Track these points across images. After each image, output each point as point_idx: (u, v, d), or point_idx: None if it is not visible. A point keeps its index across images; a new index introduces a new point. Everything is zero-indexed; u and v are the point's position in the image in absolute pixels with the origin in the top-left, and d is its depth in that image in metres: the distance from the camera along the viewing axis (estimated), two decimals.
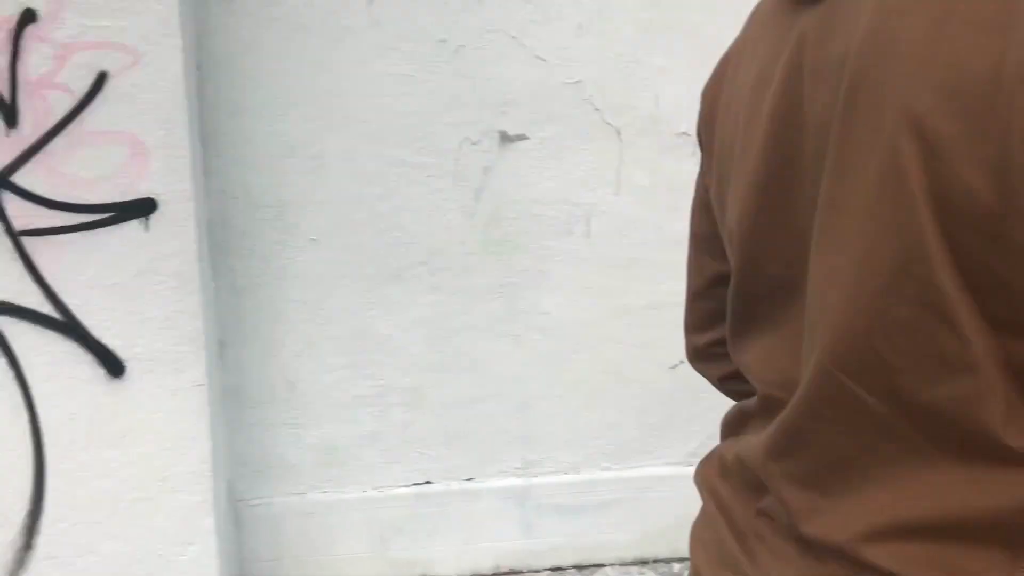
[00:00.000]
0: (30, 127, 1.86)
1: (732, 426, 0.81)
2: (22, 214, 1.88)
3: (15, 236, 1.89)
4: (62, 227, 1.90)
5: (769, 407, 0.70)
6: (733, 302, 0.76)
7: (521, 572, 2.45)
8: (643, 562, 2.50)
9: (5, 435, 1.93)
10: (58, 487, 1.97)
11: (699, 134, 0.83)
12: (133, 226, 1.91)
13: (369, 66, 2.18)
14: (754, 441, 0.71)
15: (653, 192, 2.33)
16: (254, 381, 2.26)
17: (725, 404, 0.86)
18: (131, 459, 1.97)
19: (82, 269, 1.91)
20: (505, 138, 2.26)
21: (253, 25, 2.12)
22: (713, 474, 0.80)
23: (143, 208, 1.91)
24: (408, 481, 2.38)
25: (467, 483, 2.40)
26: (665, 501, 2.43)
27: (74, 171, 1.89)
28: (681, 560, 2.47)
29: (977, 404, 0.55)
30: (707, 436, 2.38)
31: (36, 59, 1.84)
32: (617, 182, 2.32)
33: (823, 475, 0.63)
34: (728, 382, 0.86)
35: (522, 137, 2.26)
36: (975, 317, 0.53)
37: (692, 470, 0.87)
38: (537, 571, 2.45)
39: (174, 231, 1.93)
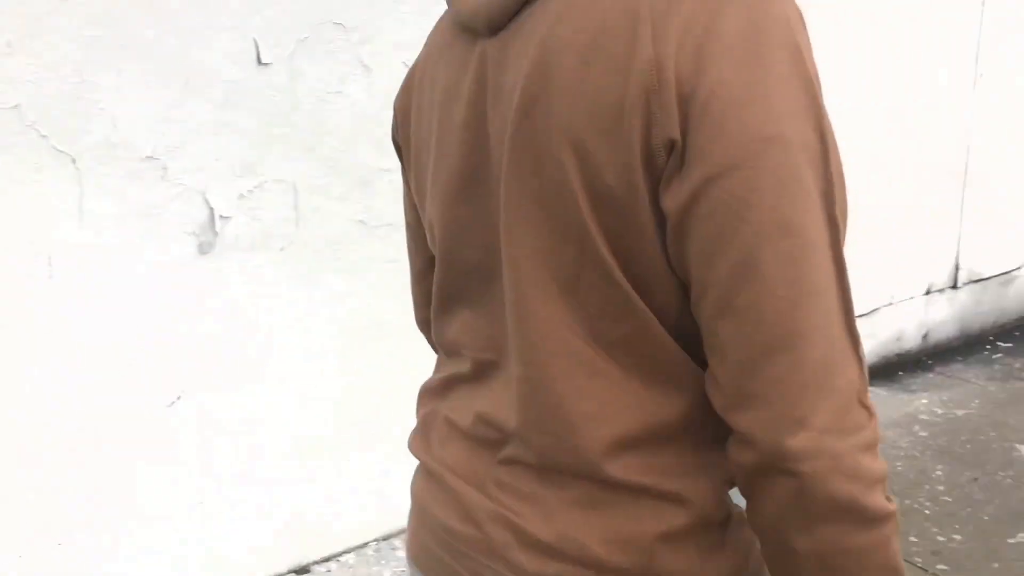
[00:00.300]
0: None
1: (436, 392, 0.95)
2: None
3: None
4: None
5: (482, 369, 0.87)
6: (439, 284, 0.91)
7: None
8: None
9: None
10: None
11: (395, 140, 0.99)
12: None
13: None
14: (493, 399, 0.85)
15: (123, 221, 2.16)
16: None
17: None
18: None
19: None
20: None
21: None
22: (437, 439, 0.93)
23: None
24: None
25: None
26: None
27: None
28: None
29: (651, 333, 0.75)
30: None
31: None
32: (79, 214, 2.11)
33: (558, 416, 0.79)
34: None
35: None
36: (623, 274, 0.74)
37: None
38: None
39: None
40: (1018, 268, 4.65)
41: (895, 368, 4.16)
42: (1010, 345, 4.49)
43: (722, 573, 0.80)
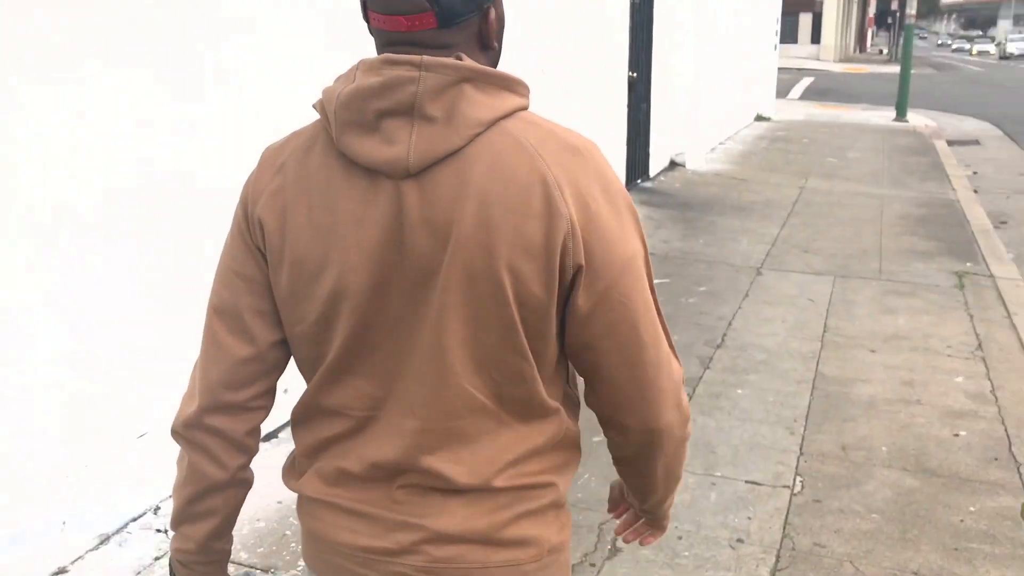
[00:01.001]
0: None
1: (315, 450, 1.24)
2: None
3: None
4: None
5: (362, 424, 1.20)
6: (332, 362, 1.18)
7: None
8: None
9: None
10: None
11: (260, 239, 1.18)
12: None
13: None
14: (380, 445, 1.19)
15: None
16: None
17: None
18: None
19: None
20: None
21: None
22: (325, 489, 1.23)
23: None
24: None
25: None
26: None
27: None
28: None
29: (536, 392, 1.17)
30: None
31: None
32: None
33: (457, 449, 1.17)
34: (251, 434, 1.26)
35: None
36: (530, 352, 1.15)
37: None
38: None
39: None
40: None
41: None
42: None
43: (564, 537, 1.27)
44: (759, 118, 15.49)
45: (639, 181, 9.14)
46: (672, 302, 5.67)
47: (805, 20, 40.54)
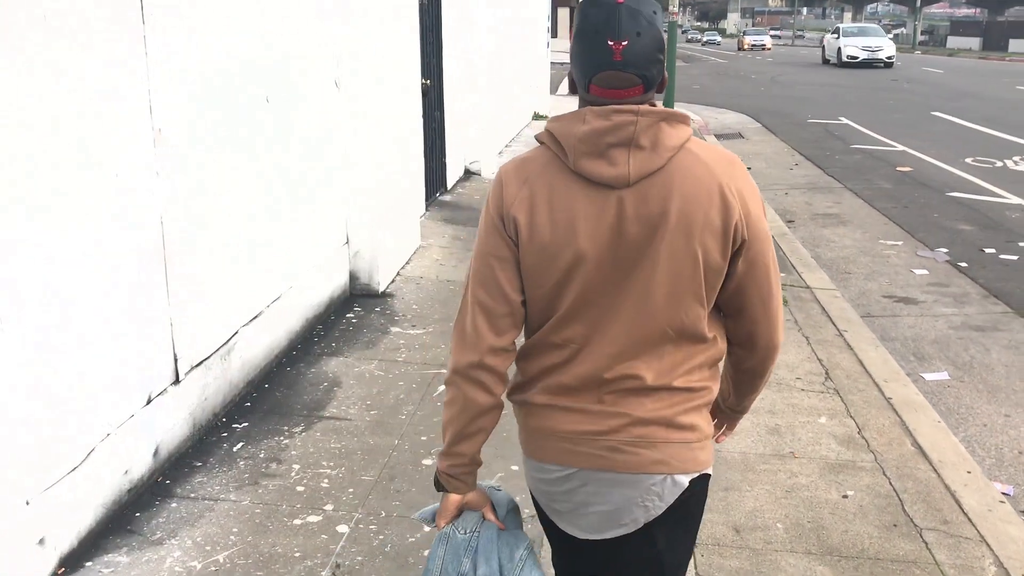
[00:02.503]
0: None
1: (540, 373, 1.77)
2: None
3: None
4: None
5: (575, 353, 1.74)
6: (567, 309, 1.71)
7: None
8: None
9: None
10: None
11: (514, 231, 1.71)
12: None
13: None
14: (588, 366, 1.72)
15: None
16: None
17: None
18: None
19: None
20: None
21: None
22: (551, 398, 1.76)
23: None
24: None
25: None
26: None
27: None
28: None
29: (701, 327, 1.73)
30: None
31: None
32: None
33: (648, 361, 1.71)
34: (508, 368, 1.78)
35: None
36: (705, 301, 1.72)
37: None
38: None
39: None
40: (235, 333, 4.21)
41: (130, 511, 3.31)
42: (246, 424, 4.03)
43: (712, 429, 1.84)
44: (537, 116, 15.31)
45: (438, 195, 8.48)
46: None
47: (563, 14, 41.50)
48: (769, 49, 55.20)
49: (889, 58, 34.36)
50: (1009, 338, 5.77)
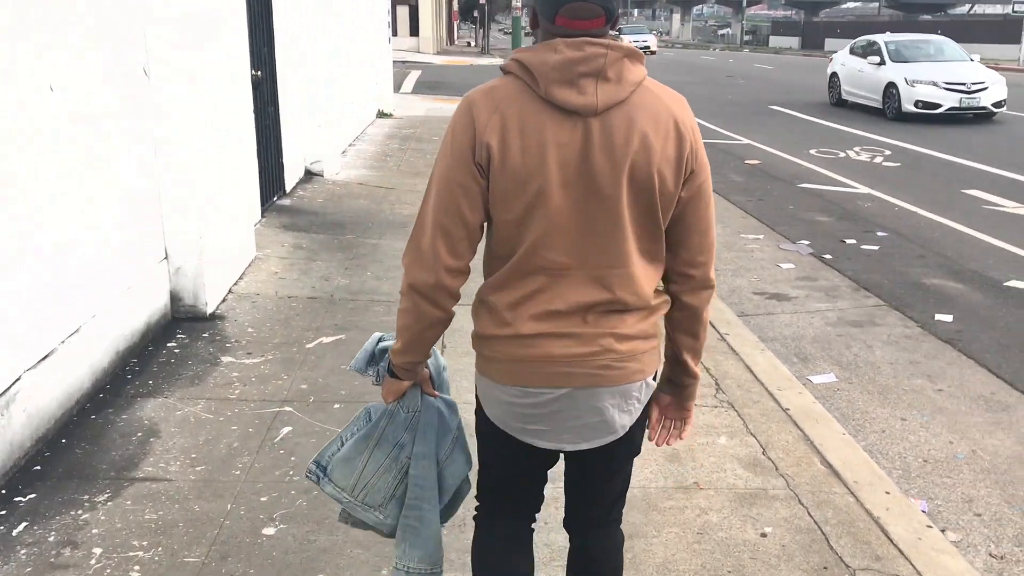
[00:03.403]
0: None
1: (519, 302, 1.87)
2: None
3: None
4: None
5: (555, 279, 1.85)
6: (537, 235, 1.81)
7: None
8: None
9: None
10: None
11: (484, 157, 1.80)
12: None
13: None
14: (574, 291, 1.85)
15: None
16: None
17: None
18: None
19: None
20: None
21: None
22: (538, 325, 1.86)
23: None
24: None
25: None
26: None
27: None
28: None
29: (661, 247, 1.91)
30: None
31: None
32: None
33: (628, 284, 1.86)
34: (460, 287, 1.89)
35: None
36: (662, 220, 1.88)
37: None
38: None
39: None
40: (17, 380, 3.37)
41: None
42: (33, 496, 3.18)
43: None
44: (381, 115, 14.56)
45: (276, 199, 7.65)
46: (358, 379, 4.36)
47: (403, 12, 40.65)
48: (655, 53, 44.27)
49: (998, 103, 15.93)
50: (888, 333, 5.57)
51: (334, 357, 4.49)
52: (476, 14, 50.89)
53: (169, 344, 4.61)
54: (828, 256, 7.29)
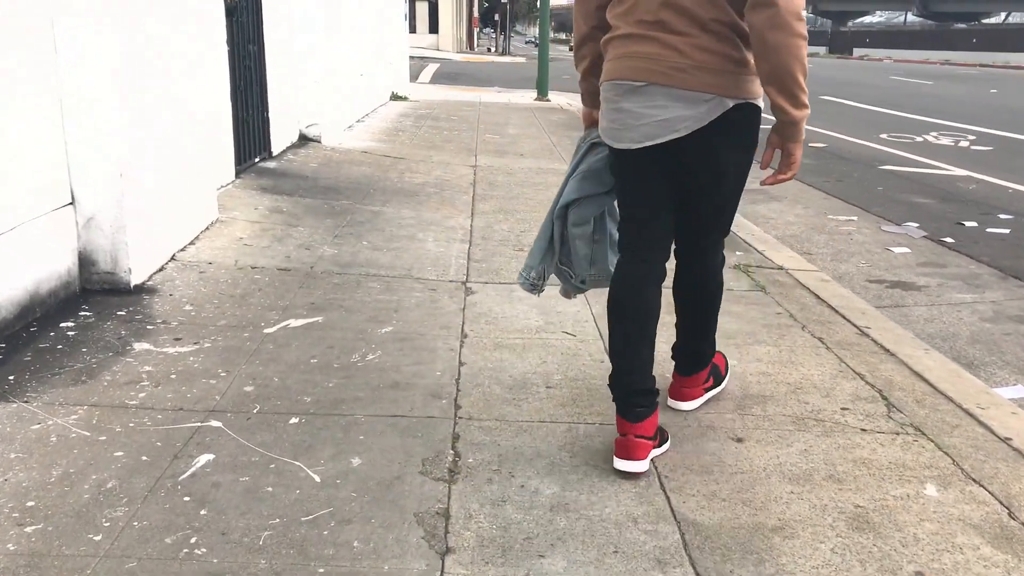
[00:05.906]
0: None
1: (621, 16, 2.27)
2: None
3: None
4: None
5: (636, 34, 2.24)
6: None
7: None
8: None
9: None
10: None
11: None
12: None
13: None
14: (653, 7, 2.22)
15: None
16: None
17: None
18: None
19: None
20: None
21: None
22: (628, 28, 2.25)
23: None
24: None
25: None
26: None
27: None
28: None
29: (726, 14, 2.18)
30: None
31: None
32: None
33: (697, 24, 2.20)
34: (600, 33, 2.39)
35: None
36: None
37: None
38: None
39: None
40: None
41: None
42: None
43: (750, 65, 2.24)
44: (395, 97, 13.19)
45: (258, 160, 6.20)
46: (338, 363, 2.89)
47: (422, 9, 39.42)
48: None
49: None
50: None
51: (302, 347, 3.02)
52: (496, 17, 49.59)
53: (64, 324, 3.14)
54: (949, 240, 5.77)
